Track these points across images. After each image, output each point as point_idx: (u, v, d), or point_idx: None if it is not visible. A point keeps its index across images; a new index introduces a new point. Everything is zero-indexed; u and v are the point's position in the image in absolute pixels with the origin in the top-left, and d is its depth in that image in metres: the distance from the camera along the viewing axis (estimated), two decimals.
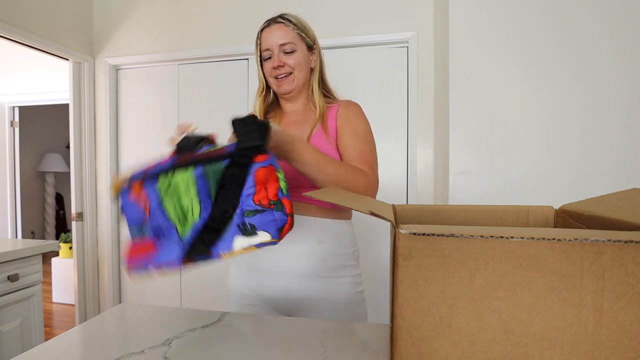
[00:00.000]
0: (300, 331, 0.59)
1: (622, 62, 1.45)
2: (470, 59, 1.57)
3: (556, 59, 1.50)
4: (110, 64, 2.41)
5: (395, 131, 2.07)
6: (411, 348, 0.36)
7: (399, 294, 0.35)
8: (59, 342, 0.57)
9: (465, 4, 1.57)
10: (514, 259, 0.33)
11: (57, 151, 4.87)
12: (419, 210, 0.59)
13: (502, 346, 0.34)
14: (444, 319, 0.35)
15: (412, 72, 2.01)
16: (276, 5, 2.16)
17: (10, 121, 3.54)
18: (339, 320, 0.64)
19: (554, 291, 0.32)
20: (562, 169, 1.50)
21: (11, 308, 1.41)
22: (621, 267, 0.31)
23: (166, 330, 0.60)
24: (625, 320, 0.31)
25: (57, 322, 2.82)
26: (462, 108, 1.59)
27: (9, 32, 1.90)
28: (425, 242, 0.34)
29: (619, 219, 0.38)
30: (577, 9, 1.48)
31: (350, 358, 0.50)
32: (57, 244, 1.59)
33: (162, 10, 2.33)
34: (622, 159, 1.46)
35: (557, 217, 0.55)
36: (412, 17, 2.00)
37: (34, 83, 3.26)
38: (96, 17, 2.45)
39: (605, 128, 1.47)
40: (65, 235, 3.25)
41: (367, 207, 0.39)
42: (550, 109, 1.51)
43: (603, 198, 0.50)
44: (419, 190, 2.03)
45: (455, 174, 1.59)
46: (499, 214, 0.56)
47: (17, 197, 3.62)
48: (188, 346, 0.54)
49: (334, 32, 2.10)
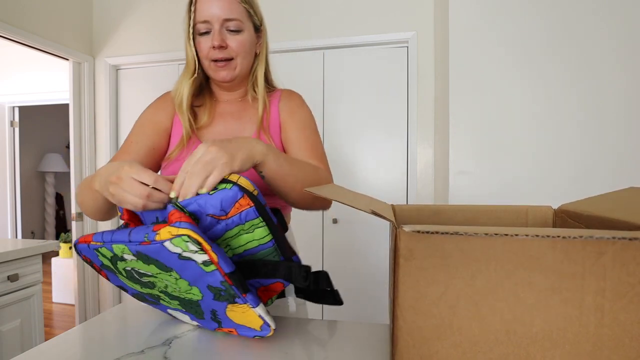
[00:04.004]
0: (300, 331, 0.59)
1: (620, 62, 1.46)
2: (470, 59, 1.57)
3: (555, 60, 1.50)
4: (110, 64, 2.41)
5: (395, 131, 2.07)
6: (412, 349, 0.36)
7: (399, 295, 0.35)
8: (59, 342, 0.57)
9: (465, 5, 1.57)
10: (516, 260, 0.33)
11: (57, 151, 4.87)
12: (418, 210, 0.59)
13: (503, 347, 0.34)
14: (445, 320, 0.35)
15: (412, 72, 2.01)
16: (276, 4, 2.17)
17: (10, 121, 3.54)
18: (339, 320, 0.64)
19: (556, 291, 0.32)
20: (561, 168, 1.50)
21: (11, 308, 1.41)
22: (622, 267, 0.31)
23: (166, 330, 0.60)
24: (627, 320, 0.31)
25: (57, 322, 2.82)
26: (462, 108, 1.59)
27: (9, 32, 1.90)
28: (426, 243, 0.34)
29: (618, 219, 0.38)
30: (576, 10, 1.48)
31: (350, 358, 0.50)
32: (57, 244, 1.59)
33: (162, 10, 2.33)
34: (620, 158, 1.46)
35: (556, 217, 0.55)
36: (412, 17, 2.00)
37: (34, 83, 3.26)
38: (96, 17, 2.45)
39: (603, 128, 1.47)
40: (65, 235, 3.25)
41: (368, 205, 0.38)
42: (549, 109, 1.51)
43: (601, 197, 0.50)
44: (419, 190, 2.03)
45: (455, 174, 1.59)
46: (498, 213, 0.56)
47: (17, 197, 3.62)
48: (188, 346, 0.54)
49: (334, 32, 2.10)
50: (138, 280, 0.53)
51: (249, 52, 0.77)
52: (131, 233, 0.47)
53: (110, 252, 0.49)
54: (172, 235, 0.44)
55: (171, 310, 0.60)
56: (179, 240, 0.44)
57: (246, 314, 0.51)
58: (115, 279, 0.56)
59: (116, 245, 0.48)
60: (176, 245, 0.44)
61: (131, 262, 0.49)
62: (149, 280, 0.52)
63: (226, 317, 0.54)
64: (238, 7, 0.73)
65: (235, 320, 0.53)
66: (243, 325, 0.54)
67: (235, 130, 0.79)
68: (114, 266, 0.51)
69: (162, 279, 0.50)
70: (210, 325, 0.58)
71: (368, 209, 0.37)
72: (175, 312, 0.60)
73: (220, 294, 0.49)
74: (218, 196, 0.48)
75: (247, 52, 0.76)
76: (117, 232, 0.49)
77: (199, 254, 0.44)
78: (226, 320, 0.54)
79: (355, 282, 2.11)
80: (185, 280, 0.48)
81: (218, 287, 0.48)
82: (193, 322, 0.60)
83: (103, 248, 0.49)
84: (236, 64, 0.75)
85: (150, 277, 0.51)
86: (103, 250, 0.49)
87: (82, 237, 0.53)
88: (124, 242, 0.47)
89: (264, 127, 0.78)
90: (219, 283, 0.47)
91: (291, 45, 2.16)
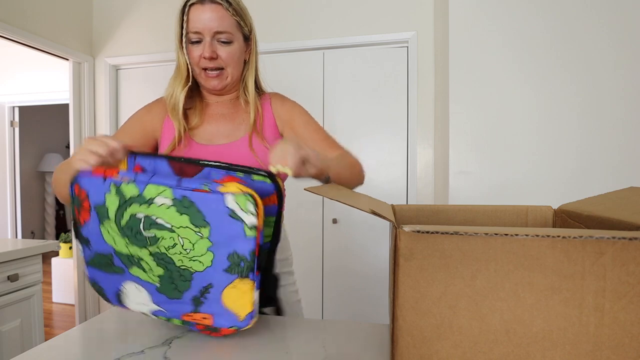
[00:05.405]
0: (300, 331, 0.59)
1: (620, 62, 1.46)
2: (470, 59, 1.57)
3: (555, 59, 1.50)
4: (110, 64, 2.41)
5: (395, 131, 2.07)
6: (412, 349, 0.36)
7: (400, 295, 0.35)
8: (59, 342, 0.57)
9: (465, 4, 1.57)
10: (516, 260, 0.33)
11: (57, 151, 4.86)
12: (417, 210, 0.59)
13: (503, 347, 0.34)
14: (445, 320, 0.35)
15: (412, 72, 2.01)
16: (276, 4, 2.17)
17: (10, 121, 3.54)
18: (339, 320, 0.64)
19: (556, 291, 0.32)
20: (561, 168, 1.50)
21: (11, 308, 1.41)
22: (622, 267, 0.31)
23: (166, 330, 0.60)
24: (627, 320, 0.31)
25: (57, 322, 2.82)
26: (462, 108, 1.59)
27: (9, 32, 1.90)
28: (426, 243, 0.34)
29: (618, 219, 0.38)
30: (576, 10, 1.48)
31: (350, 358, 0.50)
32: (57, 244, 1.59)
33: (162, 11, 2.33)
34: (620, 158, 1.46)
35: (555, 217, 0.55)
36: (412, 17, 2.00)
37: (34, 83, 3.26)
38: (96, 17, 2.45)
39: (603, 128, 1.47)
40: (65, 235, 3.25)
41: (368, 205, 0.38)
42: (549, 109, 1.51)
43: (601, 197, 0.50)
44: (419, 190, 2.03)
45: (455, 174, 1.59)
46: (498, 214, 0.56)
47: (17, 197, 3.62)
48: (188, 346, 0.54)
49: (334, 32, 2.10)
50: (137, 232, 0.51)
51: (238, 61, 0.79)
52: (182, 180, 0.50)
53: (137, 190, 0.50)
54: (240, 191, 0.47)
55: (129, 283, 0.56)
56: (242, 198, 0.47)
57: (244, 296, 0.51)
58: (93, 227, 0.54)
59: (155, 185, 0.49)
60: (237, 201, 0.47)
61: (158, 208, 0.49)
62: (157, 234, 0.51)
63: (217, 297, 0.52)
64: (229, 19, 0.74)
65: (226, 303, 0.52)
66: (227, 311, 0.53)
67: (227, 130, 0.81)
68: (117, 210, 0.51)
69: (180, 234, 0.50)
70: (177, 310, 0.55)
71: (368, 209, 0.37)
72: (134, 286, 0.56)
73: (239, 265, 0.50)
74: (259, 184, 0.53)
75: (236, 62, 0.79)
76: (158, 173, 0.51)
77: (252, 215, 0.47)
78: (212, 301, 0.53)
79: (355, 282, 2.11)
80: (211, 241, 0.49)
81: (243, 257, 0.49)
82: (147, 305, 0.56)
83: (130, 185, 0.50)
84: (227, 74, 0.78)
85: (161, 231, 0.50)
86: (126, 188, 0.50)
87: (100, 169, 0.52)
88: (170, 186, 0.49)
89: (257, 130, 0.81)
90: (248, 252, 0.49)
91: (291, 45, 2.16)
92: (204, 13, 0.73)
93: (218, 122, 0.82)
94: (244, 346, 0.54)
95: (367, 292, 2.11)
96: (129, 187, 0.50)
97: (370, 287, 2.10)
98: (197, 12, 0.73)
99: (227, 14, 0.74)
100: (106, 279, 0.58)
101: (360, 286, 2.11)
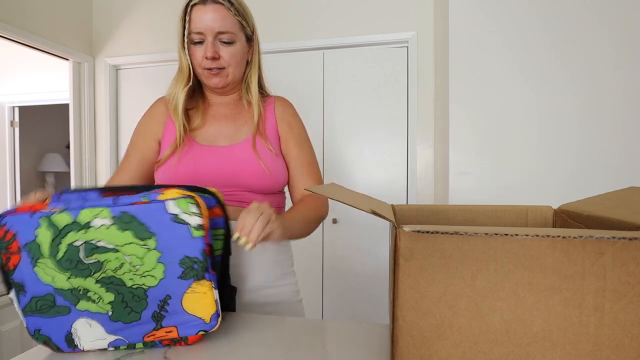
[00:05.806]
0: (300, 331, 0.59)
1: (620, 63, 1.46)
2: (470, 59, 1.57)
3: (555, 60, 1.50)
4: (110, 64, 2.41)
5: (395, 131, 2.07)
6: (412, 349, 0.36)
7: (399, 295, 0.35)
8: None
9: (465, 4, 1.57)
10: (516, 259, 0.33)
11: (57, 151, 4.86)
12: (417, 210, 0.59)
13: (503, 347, 0.34)
14: (445, 320, 0.35)
15: (412, 72, 2.01)
16: (276, 4, 2.17)
17: (10, 121, 3.54)
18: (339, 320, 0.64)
19: (556, 291, 0.32)
20: (561, 169, 1.50)
21: (11, 308, 1.41)
22: (622, 267, 0.31)
23: None
24: (627, 320, 0.31)
25: None
26: (462, 108, 1.59)
27: (9, 32, 1.90)
28: (426, 243, 0.34)
29: (618, 219, 0.38)
30: (576, 10, 1.48)
31: (350, 358, 0.50)
32: None
33: (162, 11, 2.33)
34: (620, 158, 1.46)
35: (555, 217, 0.55)
36: (412, 17, 2.01)
37: (34, 83, 3.26)
38: (96, 17, 2.45)
39: (603, 128, 1.47)
40: None
41: (368, 205, 0.38)
42: (549, 109, 1.51)
43: (601, 197, 0.50)
44: (419, 190, 2.03)
45: (455, 174, 1.59)
46: (498, 214, 0.56)
47: (17, 197, 3.62)
48: (188, 346, 0.54)
49: (334, 32, 2.10)
50: (78, 262, 0.48)
51: (240, 61, 0.79)
52: (118, 198, 0.49)
53: (71, 217, 0.47)
54: (180, 195, 0.48)
55: (79, 321, 0.51)
56: (183, 201, 0.48)
57: (204, 298, 0.52)
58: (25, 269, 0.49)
59: (89, 209, 0.47)
60: (179, 205, 0.48)
61: (97, 230, 0.47)
62: (101, 258, 0.48)
63: (178, 306, 0.51)
64: (231, 20, 0.74)
65: (188, 309, 0.51)
66: (192, 317, 0.52)
67: (230, 131, 0.81)
68: (51, 244, 0.47)
69: (125, 252, 0.48)
70: (137, 333, 0.52)
71: (368, 209, 0.37)
72: (85, 322, 0.51)
73: (192, 268, 0.50)
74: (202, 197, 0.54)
75: (238, 62, 0.79)
76: (90, 199, 0.50)
77: (196, 216, 0.48)
78: (174, 312, 0.51)
79: (355, 282, 2.11)
80: (159, 251, 0.49)
81: (195, 259, 0.50)
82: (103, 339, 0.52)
83: (62, 214, 0.47)
84: (228, 72, 0.78)
85: (105, 254, 0.48)
86: (58, 218, 0.47)
87: (24, 206, 0.49)
88: (106, 205, 0.48)
89: (260, 132, 0.81)
90: (199, 252, 0.50)
91: (291, 45, 2.16)
92: (206, 13, 0.73)
93: (220, 123, 0.82)
94: (244, 346, 0.54)
95: (367, 292, 2.11)
96: (61, 216, 0.47)
97: (370, 287, 2.10)
98: (199, 12, 0.73)
99: (229, 14, 0.74)
100: (50, 325, 0.51)
101: (360, 286, 2.11)
